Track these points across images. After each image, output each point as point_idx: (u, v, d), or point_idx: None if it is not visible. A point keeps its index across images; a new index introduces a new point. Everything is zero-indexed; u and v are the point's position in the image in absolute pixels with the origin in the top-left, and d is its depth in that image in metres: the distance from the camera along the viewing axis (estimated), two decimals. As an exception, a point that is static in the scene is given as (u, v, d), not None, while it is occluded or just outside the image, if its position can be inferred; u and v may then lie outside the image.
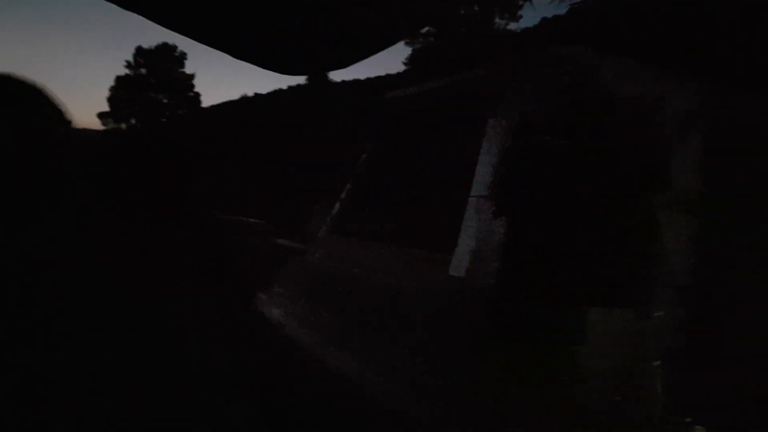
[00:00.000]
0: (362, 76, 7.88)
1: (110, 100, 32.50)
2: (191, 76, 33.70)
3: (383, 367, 2.28)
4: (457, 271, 2.13)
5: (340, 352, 2.56)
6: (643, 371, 1.76)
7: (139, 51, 33.21)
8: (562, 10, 5.23)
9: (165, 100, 33.05)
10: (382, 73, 7.57)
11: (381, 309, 2.53)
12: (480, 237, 2.09)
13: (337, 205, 3.44)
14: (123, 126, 32.10)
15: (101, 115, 32.18)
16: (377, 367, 2.30)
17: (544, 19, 5.49)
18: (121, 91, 32.46)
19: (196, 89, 33.80)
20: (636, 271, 1.85)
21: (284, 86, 10.04)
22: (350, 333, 2.61)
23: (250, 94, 11.23)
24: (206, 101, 33.68)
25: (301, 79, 9.23)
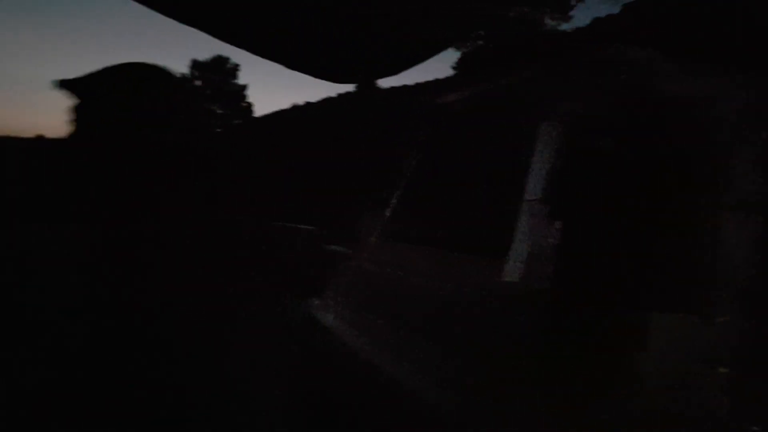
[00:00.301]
0: (410, 81, 7.87)
1: (167, 110, 33.49)
2: (244, 87, 34.60)
3: (437, 373, 2.28)
4: (512, 276, 2.11)
5: (393, 357, 2.57)
6: (706, 378, 1.71)
7: (195, 63, 34.33)
8: (616, 10, 5.13)
9: (219, 111, 34.00)
10: (431, 78, 7.55)
11: (434, 315, 2.53)
12: (535, 241, 2.07)
13: (387, 210, 3.46)
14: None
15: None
16: (431, 373, 2.31)
17: (596, 19, 5.38)
18: (178, 102, 33.49)
19: (249, 99, 34.69)
20: (698, 274, 1.80)
21: (333, 94, 10.12)
22: (403, 338, 2.62)
23: (301, 102, 11.38)
24: (258, 111, 34.49)
25: (349, 86, 9.29)
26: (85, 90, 1.31)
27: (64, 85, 1.31)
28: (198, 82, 33.96)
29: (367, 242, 3.52)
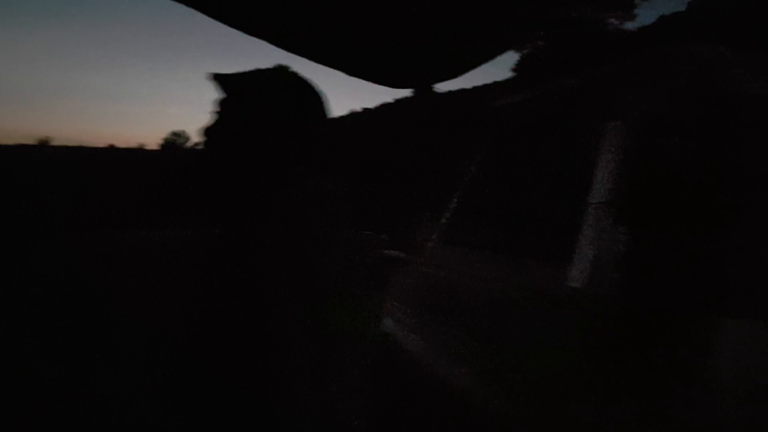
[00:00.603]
0: (468, 85, 7.78)
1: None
2: (302, 94, 35.20)
3: (498, 380, 2.26)
4: (576, 282, 2.07)
5: (454, 362, 2.56)
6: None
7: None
8: (683, 7, 4.96)
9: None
10: (489, 81, 7.45)
11: (494, 320, 2.51)
12: (601, 245, 2.03)
13: (445, 214, 3.45)
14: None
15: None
16: (493, 380, 2.29)
17: (662, 17, 5.22)
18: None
19: (307, 107, 35.27)
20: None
21: (390, 99, 10.14)
22: (463, 343, 2.60)
23: (358, 109, 11.46)
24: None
25: (406, 92, 9.29)
26: (233, 86, 1.44)
27: (216, 78, 1.44)
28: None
29: (426, 247, 3.52)
